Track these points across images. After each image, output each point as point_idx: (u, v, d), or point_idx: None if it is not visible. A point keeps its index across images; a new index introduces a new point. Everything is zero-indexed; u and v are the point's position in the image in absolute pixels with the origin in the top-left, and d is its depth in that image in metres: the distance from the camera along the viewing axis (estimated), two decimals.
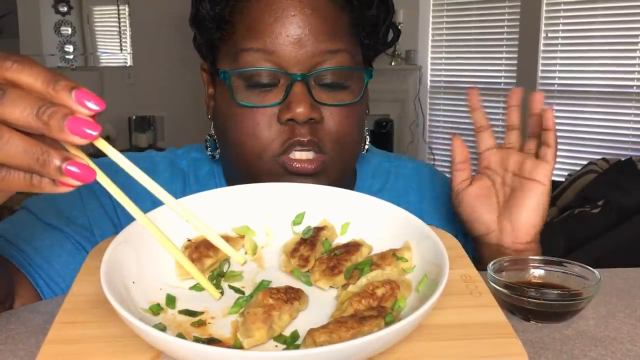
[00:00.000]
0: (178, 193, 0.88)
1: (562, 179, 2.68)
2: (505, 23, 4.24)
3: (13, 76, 0.43)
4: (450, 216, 0.93)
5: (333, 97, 0.77)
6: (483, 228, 0.81)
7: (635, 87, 3.70)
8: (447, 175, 1.00)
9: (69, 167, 0.43)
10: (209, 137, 0.88)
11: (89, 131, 0.42)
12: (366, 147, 0.89)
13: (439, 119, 4.65)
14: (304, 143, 0.75)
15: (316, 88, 0.76)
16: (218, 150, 0.87)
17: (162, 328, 0.49)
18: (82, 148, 0.46)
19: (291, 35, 0.74)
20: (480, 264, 0.81)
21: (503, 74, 4.28)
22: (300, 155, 0.75)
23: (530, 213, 0.78)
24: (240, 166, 0.80)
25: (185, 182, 0.89)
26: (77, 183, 0.44)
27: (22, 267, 0.76)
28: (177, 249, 0.52)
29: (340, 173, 0.80)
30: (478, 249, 0.84)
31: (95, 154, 0.54)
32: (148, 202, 0.54)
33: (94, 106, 0.43)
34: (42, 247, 0.78)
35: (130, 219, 0.75)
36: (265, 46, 0.74)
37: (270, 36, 0.74)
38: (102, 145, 0.45)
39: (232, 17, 0.78)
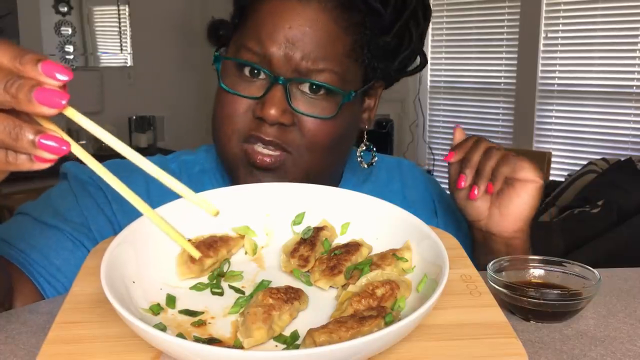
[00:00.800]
0: (170, 194, 0.88)
1: (562, 179, 2.68)
2: (505, 23, 4.23)
3: None
4: (431, 205, 0.97)
5: (312, 105, 0.78)
6: (474, 214, 0.83)
7: (635, 87, 3.70)
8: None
9: (43, 140, 0.43)
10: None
11: (57, 99, 0.42)
12: (374, 160, 0.91)
13: (439, 119, 4.65)
14: (265, 141, 0.78)
15: (297, 94, 0.78)
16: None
17: (162, 328, 0.49)
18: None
19: (282, 47, 0.77)
20: (474, 245, 0.88)
21: (503, 74, 4.27)
22: (260, 149, 0.78)
23: (522, 206, 0.80)
24: (217, 148, 0.84)
25: (148, 182, 0.88)
26: (52, 157, 0.44)
27: (22, 266, 0.76)
28: (172, 228, 0.50)
29: (306, 174, 0.80)
30: (470, 232, 0.87)
31: (98, 154, 0.54)
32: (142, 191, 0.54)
33: (62, 77, 0.43)
34: (40, 245, 0.78)
35: (126, 214, 0.75)
36: (260, 49, 0.77)
37: (267, 40, 0.77)
38: (72, 113, 0.45)
39: (248, 10, 0.81)
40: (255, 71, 0.79)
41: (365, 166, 0.90)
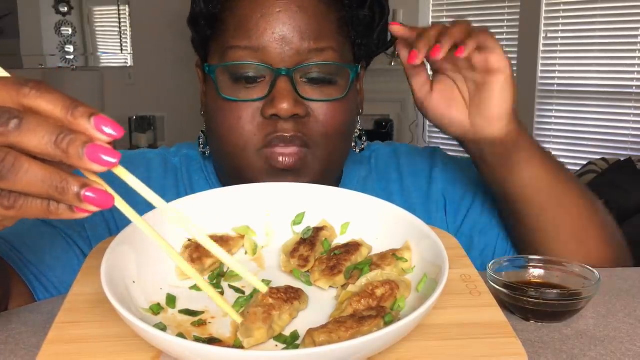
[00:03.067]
0: (170, 188, 0.89)
1: None
2: (505, 23, 4.23)
3: (31, 103, 0.42)
4: (430, 186, 0.92)
5: (319, 92, 0.77)
6: (457, 129, 0.77)
7: (634, 87, 3.70)
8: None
9: (87, 194, 0.42)
10: (201, 134, 0.90)
11: (108, 159, 0.42)
12: (363, 145, 0.90)
13: None
14: (287, 139, 0.75)
15: (302, 84, 0.77)
16: (209, 147, 0.88)
17: (162, 328, 0.49)
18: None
19: (277, 33, 0.75)
20: (475, 162, 0.81)
21: None
22: (281, 149, 0.76)
23: (498, 101, 0.72)
24: (225, 160, 0.81)
25: (178, 178, 0.90)
26: (94, 209, 0.43)
27: (15, 264, 0.76)
28: (188, 266, 0.50)
29: (324, 168, 0.80)
30: (464, 149, 0.81)
31: None
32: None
33: (112, 132, 0.42)
34: (32, 242, 0.78)
35: (121, 215, 0.75)
36: (252, 43, 0.75)
37: (257, 33, 0.75)
38: (122, 173, 0.45)
39: (222, 15, 0.79)
40: (251, 72, 0.76)
41: (358, 151, 0.90)
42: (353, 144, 0.88)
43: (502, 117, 0.73)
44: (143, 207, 0.50)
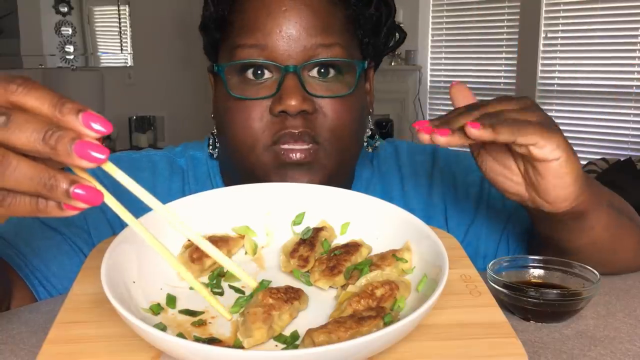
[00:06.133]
0: (177, 191, 0.89)
1: None
2: (505, 23, 4.24)
3: (19, 99, 0.42)
4: (431, 190, 0.91)
5: (327, 88, 0.77)
6: (516, 198, 0.67)
7: (635, 87, 3.70)
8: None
9: (76, 190, 0.42)
10: (211, 136, 0.90)
11: (97, 155, 0.42)
12: (376, 144, 0.90)
13: None
14: (296, 135, 0.75)
15: (309, 80, 0.77)
16: (217, 149, 0.89)
17: (162, 328, 0.49)
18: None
19: (283, 30, 0.75)
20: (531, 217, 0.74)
21: (503, 74, 4.28)
22: (291, 146, 0.76)
23: (555, 188, 0.62)
24: (235, 160, 0.81)
25: (184, 181, 0.90)
26: (83, 206, 0.43)
27: (19, 269, 0.76)
28: (189, 274, 0.52)
29: (338, 164, 0.79)
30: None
31: None
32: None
33: (100, 128, 0.42)
34: (39, 248, 0.78)
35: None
36: (259, 41, 0.75)
37: (263, 31, 0.75)
38: (110, 169, 0.45)
39: (231, 17, 0.79)
40: (259, 71, 0.77)
41: (370, 150, 0.90)
42: (365, 144, 0.89)
43: (565, 199, 0.63)
44: (140, 204, 0.50)
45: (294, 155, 0.75)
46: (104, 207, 0.82)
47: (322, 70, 0.77)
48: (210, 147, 0.90)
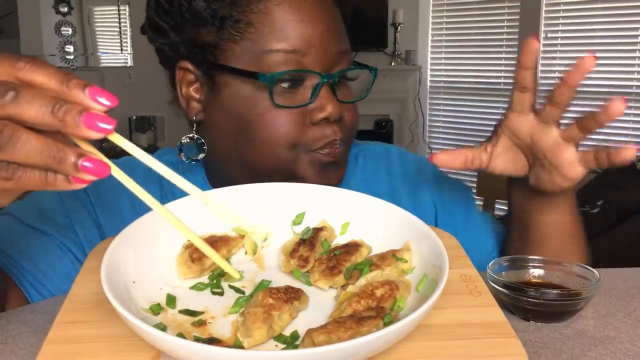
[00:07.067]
0: (155, 197, 0.86)
1: None
2: (505, 23, 4.24)
3: (26, 76, 0.44)
4: (421, 190, 0.95)
5: (347, 94, 0.81)
6: (516, 174, 0.78)
7: (635, 87, 3.70)
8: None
9: (85, 163, 0.44)
10: (188, 140, 0.84)
11: (104, 125, 0.44)
12: None
13: (438, 119, 4.65)
14: (337, 142, 0.78)
15: (336, 87, 0.79)
16: (202, 154, 0.83)
17: (162, 328, 0.49)
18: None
19: (316, 37, 0.75)
20: (509, 194, 0.84)
21: (503, 74, 4.28)
22: (332, 150, 0.79)
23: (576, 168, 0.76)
24: (263, 163, 0.78)
25: (163, 186, 0.85)
26: (92, 178, 0.45)
27: (8, 271, 0.76)
28: (193, 234, 0.54)
29: (346, 162, 0.85)
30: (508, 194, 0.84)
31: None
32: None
33: (106, 102, 0.44)
34: (27, 250, 0.78)
35: (109, 218, 0.76)
36: (294, 48, 0.74)
37: (300, 38, 0.74)
38: (116, 139, 0.47)
39: (247, 17, 0.75)
40: (298, 79, 0.76)
41: None
42: None
43: (562, 190, 0.75)
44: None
45: (331, 157, 0.79)
46: (88, 207, 0.83)
47: (347, 78, 0.81)
48: (183, 153, 0.84)
